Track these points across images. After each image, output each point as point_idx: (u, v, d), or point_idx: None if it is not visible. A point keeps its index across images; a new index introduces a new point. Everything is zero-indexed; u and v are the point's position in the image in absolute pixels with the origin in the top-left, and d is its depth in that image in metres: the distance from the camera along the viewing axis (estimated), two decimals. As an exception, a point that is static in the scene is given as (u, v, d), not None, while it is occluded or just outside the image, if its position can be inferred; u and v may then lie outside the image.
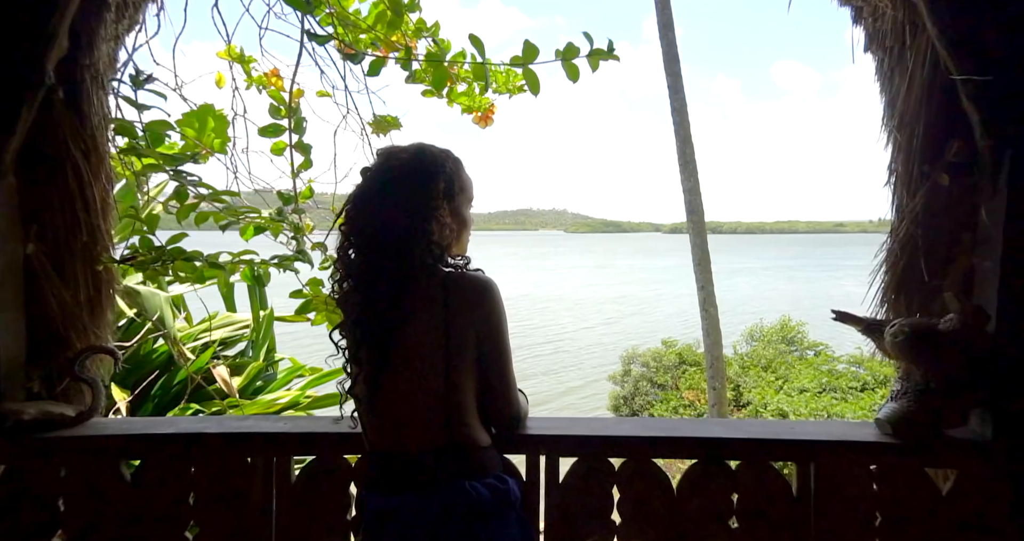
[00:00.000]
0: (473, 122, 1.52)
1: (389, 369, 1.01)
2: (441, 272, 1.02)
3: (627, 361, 11.98)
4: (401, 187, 1.04)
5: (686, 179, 4.35)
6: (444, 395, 1.00)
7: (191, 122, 1.17)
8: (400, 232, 1.01)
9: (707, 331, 4.68)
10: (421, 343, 1.00)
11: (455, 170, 1.11)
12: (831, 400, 8.59)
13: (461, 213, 1.13)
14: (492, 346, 1.04)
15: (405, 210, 1.02)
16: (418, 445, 1.01)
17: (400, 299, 1.00)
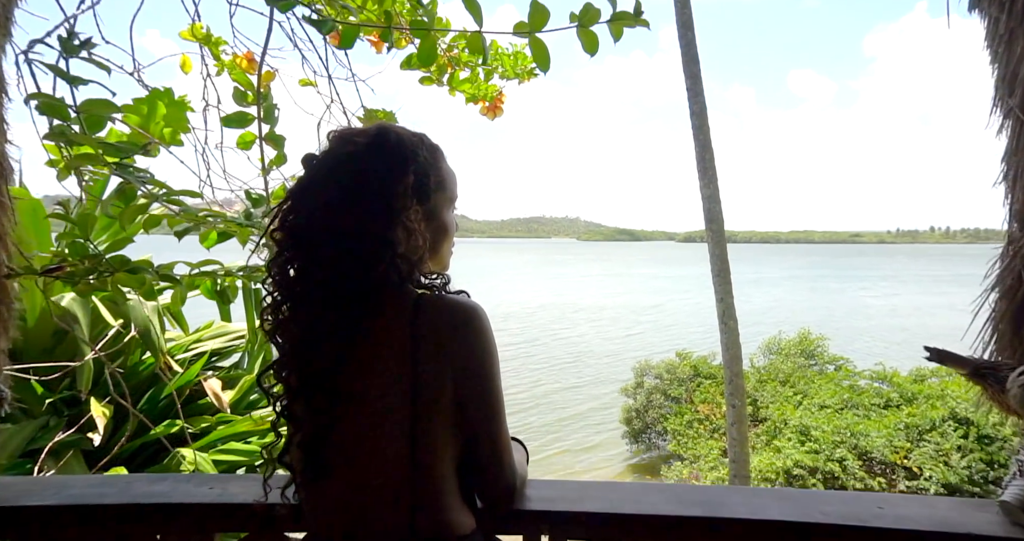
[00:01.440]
0: (481, 113, 1.34)
1: (336, 429, 0.77)
2: (410, 295, 0.79)
3: (640, 373, 11.70)
4: (356, 182, 0.79)
5: (705, 186, 4.15)
6: (411, 464, 0.75)
7: (139, 109, 1.00)
8: (354, 242, 0.78)
9: (726, 345, 4.44)
10: (380, 392, 0.75)
11: (431, 161, 0.87)
12: (853, 417, 8.26)
13: (439, 217, 0.88)
14: (476, 394, 0.78)
15: (361, 213, 0.78)
16: (375, 535, 0.76)
17: (353, 332, 0.76)
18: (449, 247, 0.94)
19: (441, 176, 0.89)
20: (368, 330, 0.77)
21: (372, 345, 0.77)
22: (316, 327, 0.78)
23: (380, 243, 0.78)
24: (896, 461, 6.86)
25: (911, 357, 15.47)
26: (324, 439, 0.77)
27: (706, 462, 8.77)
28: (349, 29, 1.02)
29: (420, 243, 0.82)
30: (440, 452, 0.77)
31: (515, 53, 1.19)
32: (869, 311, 28.82)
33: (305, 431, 0.78)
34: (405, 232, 0.80)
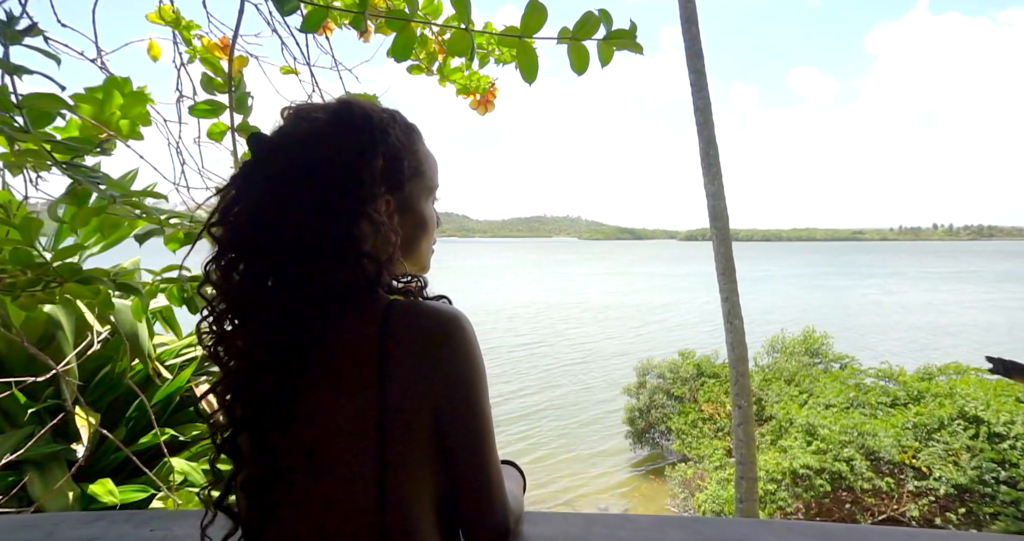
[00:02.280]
0: (471, 107, 1.25)
1: (288, 467, 0.64)
2: (381, 301, 0.67)
3: (642, 372, 11.61)
4: (313, 166, 0.66)
5: (709, 182, 4.05)
6: (379, 507, 0.62)
7: (93, 98, 0.91)
8: (310, 240, 0.65)
9: (732, 345, 4.35)
10: (342, 422, 0.62)
11: (405, 142, 0.74)
12: (860, 417, 8.15)
13: (415, 208, 0.76)
14: (460, 419, 0.65)
15: (319, 204, 0.65)
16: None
17: (309, 349, 0.64)
18: (429, 244, 0.81)
19: (418, 160, 0.76)
20: (328, 346, 0.64)
21: (332, 365, 0.64)
22: (265, 343, 0.65)
23: (342, 240, 0.66)
24: (904, 461, 6.76)
25: (918, 355, 15.38)
26: (273, 479, 0.64)
27: (711, 462, 8.68)
28: (315, 12, 0.92)
29: (391, 239, 0.69)
30: (415, 491, 0.64)
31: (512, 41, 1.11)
32: (875, 308, 28.67)
33: (251, 470, 0.65)
34: (372, 226, 0.68)
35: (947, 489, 6.20)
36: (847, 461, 6.89)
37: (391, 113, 0.76)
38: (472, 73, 1.18)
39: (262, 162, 0.69)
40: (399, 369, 0.63)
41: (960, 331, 21.53)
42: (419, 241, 0.79)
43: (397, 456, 0.62)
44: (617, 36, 0.94)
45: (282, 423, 0.64)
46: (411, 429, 0.63)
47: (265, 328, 0.66)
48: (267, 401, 0.64)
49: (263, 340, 0.65)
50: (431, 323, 0.65)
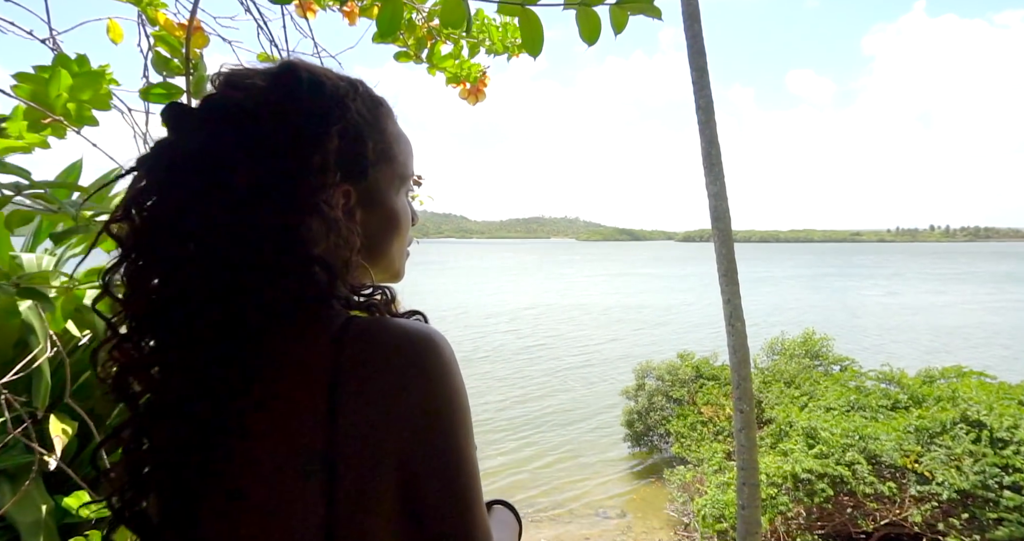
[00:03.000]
0: (461, 97, 1.16)
1: (214, 535, 0.50)
2: (335, 319, 0.54)
3: (641, 375, 11.53)
4: (246, 147, 0.53)
5: (711, 183, 3.97)
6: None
7: (38, 78, 0.76)
8: (242, 241, 0.52)
9: (734, 348, 4.26)
10: (280, 479, 0.48)
11: (368, 118, 0.61)
12: (861, 420, 8.08)
13: (382, 201, 0.63)
14: (434, 470, 0.50)
15: (253, 195, 0.52)
16: None
17: (242, 378, 0.51)
18: (402, 246, 0.67)
19: (385, 142, 0.62)
20: (266, 377, 0.51)
21: (271, 401, 0.50)
22: (186, 375, 0.51)
23: (284, 242, 0.52)
24: (906, 465, 6.68)
25: (919, 357, 15.32)
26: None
27: (710, 465, 8.60)
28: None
29: (349, 240, 0.56)
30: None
31: (504, 24, 1.02)
32: (874, 310, 28.63)
33: (164, 539, 0.51)
34: (324, 224, 0.54)
35: (950, 494, 6.12)
36: (849, 465, 6.81)
37: (351, 82, 0.62)
38: (463, 61, 1.09)
39: (180, 142, 0.55)
40: (355, 405, 0.48)
41: (963, 333, 21.47)
42: (388, 242, 0.65)
43: (349, 517, 0.48)
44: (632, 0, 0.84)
45: (201, 478, 0.50)
46: (369, 482, 0.48)
47: (186, 355, 0.52)
48: (188, 449, 0.50)
49: (183, 370, 0.52)
50: (398, 346, 0.51)
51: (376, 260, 0.65)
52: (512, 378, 15.63)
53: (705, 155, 3.99)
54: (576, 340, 20.78)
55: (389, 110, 0.66)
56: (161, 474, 0.52)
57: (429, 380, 0.51)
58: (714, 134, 3.86)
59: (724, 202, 4.04)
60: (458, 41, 1.04)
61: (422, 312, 0.63)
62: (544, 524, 8.21)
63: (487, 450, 10.61)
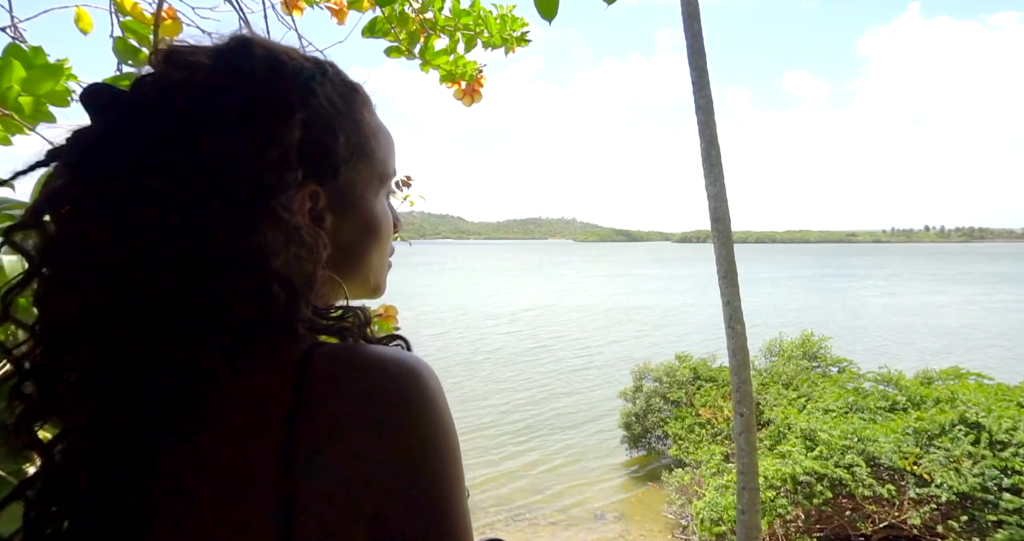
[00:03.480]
0: (456, 97, 1.11)
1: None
2: (297, 347, 0.45)
3: (638, 376, 11.49)
4: (184, 140, 0.43)
5: (711, 184, 3.93)
6: None
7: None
8: (180, 255, 0.42)
9: (733, 351, 4.22)
10: (223, 534, 0.39)
11: (341, 106, 0.52)
12: (860, 421, 8.06)
13: (359, 205, 0.54)
14: (417, 529, 0.41)
15: (193, 199, 0.43)
16: None
17: (181, 422, 0.42)
18: (382, 256, 0.58)
19: (361, 135, 0.53)
20: (210, 420, 0.41)
21: (216, 449, 0.41)
22: (112, 419, 0.41)
23: (231, 254, 0.42)
24: (905, 467, 6.65)
25: (918, 358, 15.32)
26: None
27: (708, 468, 8.56)
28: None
29: (315, 251, 0.47)
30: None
31: (502, 15, 0.97)
32: (872, 310, 28.68)
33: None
34: (282, 232, 0.44)
35: (949, 496, 6.10)
36: (848, 467, 6.78)
37: (319, 63, 0.52)
38: (458, 57, 1.04)
39: (105, 132, 0.45)
40: (318, 453, 0.39)
41: (961, 334, 21.49)
42: (365, 251, 0.55)
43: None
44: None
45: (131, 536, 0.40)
46: (334, 535, 0.39)
47: (112, 395, 0.41)
48: (114, 511, 0.40)
49: (108, 414, 0.41)
50: (373, 380, 0.41)
51: (351, 273, 0.55)
52: (512, 380, 15.58)
53: (705, 156, 3.95)
54: (576, 342, 20.70)
55: (366, 98, 0.57)
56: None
57: (411, 423, 0.41)
58: (714, 135, 3.82)
59: (724, 203, 4.00)
60: (453, 34, 1.00)
61: (403, 337, 0.54)
62: (542, 528, 8.15)
63: (486, 454, 10.55)
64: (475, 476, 9.51)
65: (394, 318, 1.09)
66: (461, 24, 0.94)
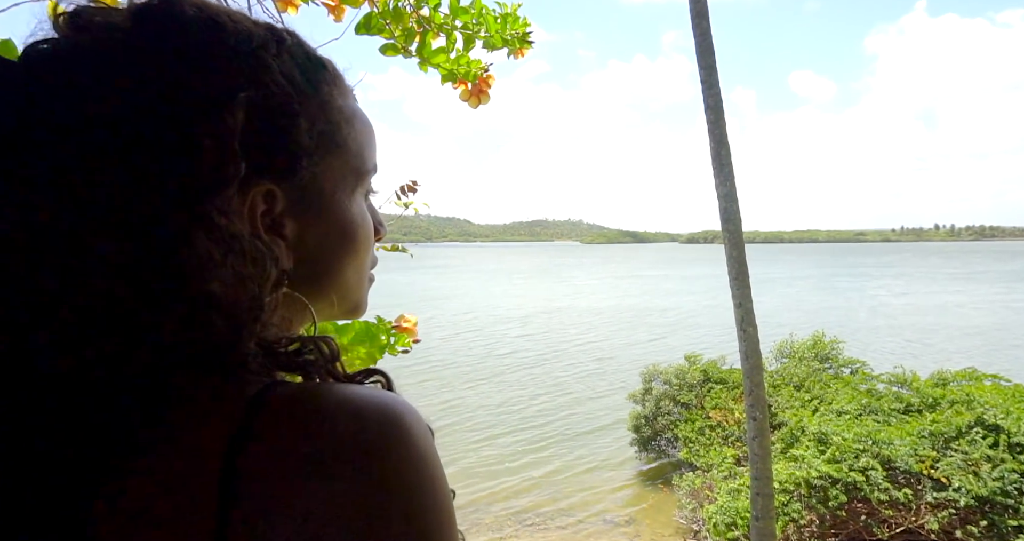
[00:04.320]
0: (462, 99, 1.06)
1: None
2: (243, 391, 0.35)
3: (648, 378, 11.40)
4: (92, 123, 0.33)
5: (721, 184, 3.86)
6: None
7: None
8: (87, 272, 0.33)
9: (745, 354, 4.15)
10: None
11: (302, 84, 0.42)
12: (874, 424, 7.93)
13: (330, 208, 0.44)
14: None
15: (100, 199, 0.33)
16: None
17: (81, 497, 0.31)
18: (359, 269, 0.48)
19: (329, 122, 0.43)
20: (120, 492, 0.31)
21: (128, 529, 0.31)
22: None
23: (149, 273, 0.33)
24: (922, 471, 6.52)
25: (932, 359, 15.08)
26: None
27: (719, 471, 8.46)
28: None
29: (259, 266, 0.37)
30: None
31: (504, 15, 0.91)
32: (885, 310, 28.33)
33: None
34: (217, 243, 0.35)
35: (967, 501, 5.97)
36: (862, 471, 6.66)
37: (274, 29, 0.42)
38: (460, 56, 0.99)
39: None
40: (265, 529, 0.30)
41: (980, 334, 21.14)
42: (338, 264, 0.45)
43: None
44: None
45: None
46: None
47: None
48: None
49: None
50: (343, 430, 0.32)
51: (321, 290, 0.46)
52: (523, 384, 15.50)
53: (715, 156, 3.89)
54: (589, 345, 20.51)
55: (338, 77, 0.46)
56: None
57: (393, 485, 0.32)
58: (723, 134, 3.76)
59: (734, 204, 3.93)
60: (451, 33, 0.94)
61: (383, 371, 0.44)
62: (551, 532, 8.08)
63: (497, 458, 10.50)
64: (484, 479, 9.46)
65: (413, 330, 0.96)
66: (459, 23, 0.89)
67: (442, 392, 14.28)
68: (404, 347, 0.86)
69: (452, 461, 9.95)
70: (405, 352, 0.87)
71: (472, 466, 9.99)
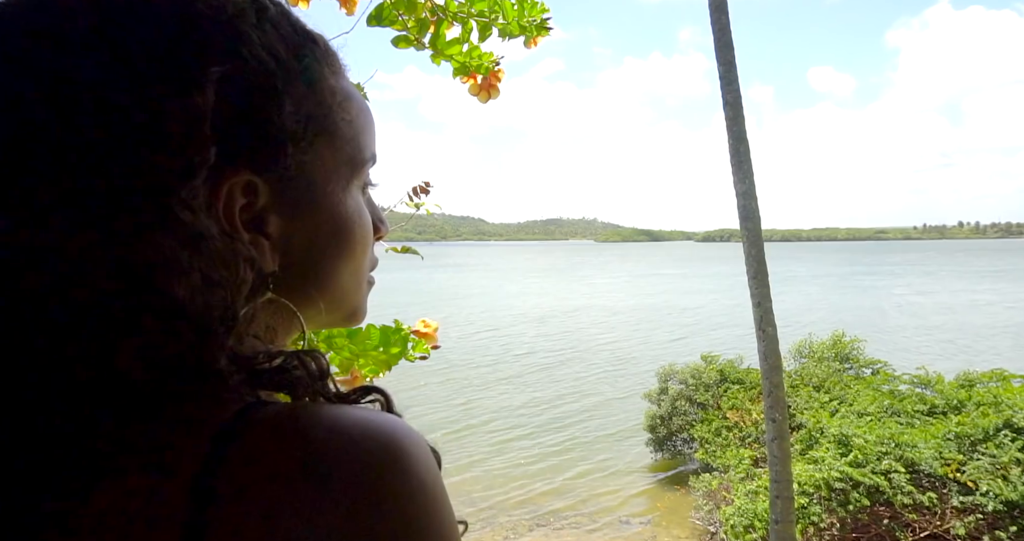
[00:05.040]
0: (471, 93, 1.03)
1: None
2: (214, 414, 0.30)
3: (664, 378, 11.30)
4: (35, 102, 0.29)
5: (740, 181, 3.79)
6: None
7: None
8: (32, 276, 0.29)
9: (764, 354, 4.07)
10: None
11: (287, 60, 0.36)
12: (896, 426, 7.75)
13: (320, 201, 0.39)
14: None
15: (46, 191, 0.29)
16: None
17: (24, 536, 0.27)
18: (356, 271, 0.43)
19: (320, 104, 0.38)
20: (63, 518, 0.28)
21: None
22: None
23: (103, 277, 0.29)
24: (947, 474, 6.36)
25: (959, 359, 14.71)
26: None
27: (736, 473, 8.35)
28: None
29: (231, 269, 0.33)
30: None
31: (521, 1, 0.88)
32: (910, 309, 27.76)
33: None
34: (183, 242, 0.31)
35: (996, 505, 5.81)
36: (885, 474, 6.52)
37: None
38: (472, 48, 0.96)
39: None
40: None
41: (1006, 333, 20.59)
42: (331, 266, 0.40)
43: None
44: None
45: None
46: None
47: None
48: None
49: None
50: (333, 461, 0.28)
51: (312, 295, 0.40)
52: (542, 383, 15.47)
53: (733, 153, 3.81)
54: (609, 344, 20.37)
55: (330, 54, 0.41)
56: None
57: (391, 527, 0.28)
58: (742, 130, 3.68)
59: (753, 201, 3.85)
60: (466, 21, 0.91)
61: (381, 390, 0.38)
62: (565, 533, 8.05)
63: (512, 457, 10.48)
64: (501, 480, 9.45)
65: (434, 336, 0.89)
66: (475, 10, 0.86)
67: (462, 392, 14.33)
68: (422, 353, 0.83)
69: (471, 463, 9.95)
70: (423, 359, 0.83)
71: (490, 467, 9.99)
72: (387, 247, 1.12)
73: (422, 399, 13.27)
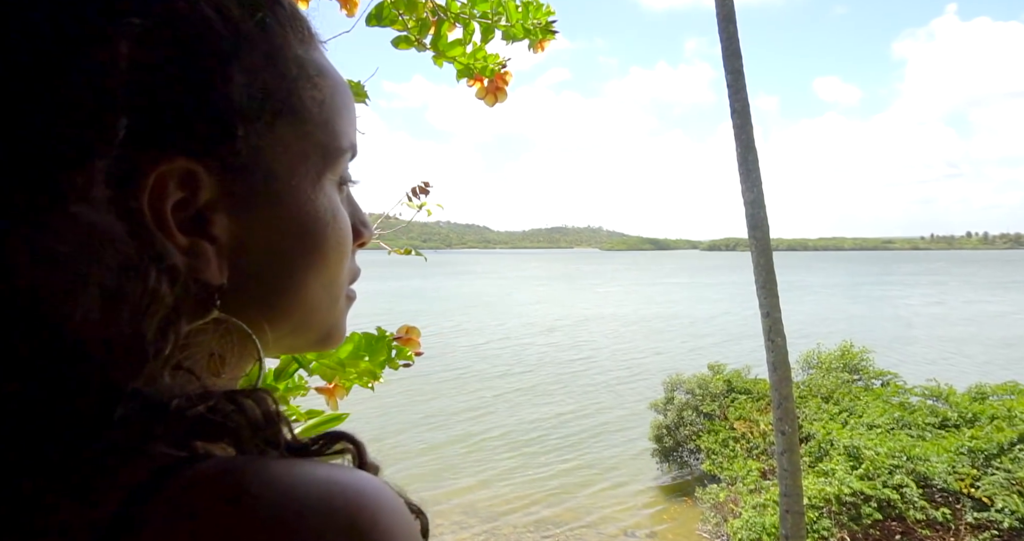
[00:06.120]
0: (477, 97, 1.00)
1: None
2: (131, 465, 0.23)
3: (670, 388, 11.18)
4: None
5: (748, 190, 3.75)
6: None
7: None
8: None
9: (773, 365, 4.00)
10: None
11: (238, 16, 0.28)
12: (908, 439, 7.62)
13: (283, 195, 0.30)
14: None
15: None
16: None
17: None
18: (330, 281, 0.35)
19: (284, 77, 0.31)
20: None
21: None
22: None
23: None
24: (961, 489, 6.23)
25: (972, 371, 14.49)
26: None
27: (744, 484, 8.22)
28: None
29: (145, 281, 0.25)
30: None
31: (526, 2, 0.85)
32: (919, 320, 27.44)
33: None
34: (78, 246, 0.23)
35: (1012, 522, 5.67)
36: (897, 488, 6.39)
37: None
38: (476, 49, 0.93)
39: None
40: None
41: (1020, 344, 20.28)
42: (297, 277, 0.32)
43: None
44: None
45: None
46: None
47: None
48: None
49: None
50: (284, 538, 0.21)
51: (273, 314, 0.32)
52: (551, 392, 15.37)
53: (741, 161, 3.77)
54: (617, 353, 20.21)
55: (297, 18, 0.33)
56: None
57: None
58: (750, 139, 3.65)
59: (762, 210, 3.81)
60: (468, 22, 0.88)
61: (351, 436, 0.30)
62: (570, 545, 7.94)
63: (517, 466, 10.39)
64: (505, 489, 9.36)
65: (416, 341, 0.85)
66: (477, 12, 0.83)
67: (470, 401, 14.28)
68: (406, 360, 0.80)
69: (478, 472, 9.89)
70: (407, 366, 0.80)
71: (495, 475, 9.91)
72: (388, 250, 1.09)
73: (433, 411, 13.25)
